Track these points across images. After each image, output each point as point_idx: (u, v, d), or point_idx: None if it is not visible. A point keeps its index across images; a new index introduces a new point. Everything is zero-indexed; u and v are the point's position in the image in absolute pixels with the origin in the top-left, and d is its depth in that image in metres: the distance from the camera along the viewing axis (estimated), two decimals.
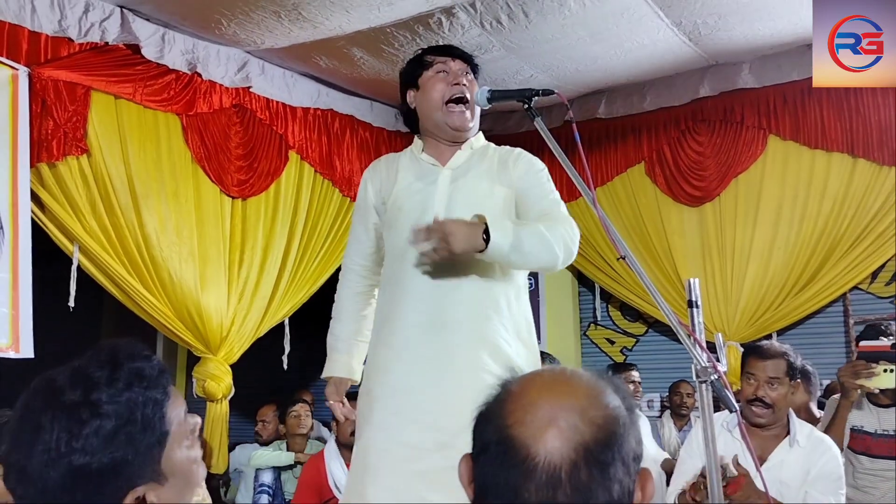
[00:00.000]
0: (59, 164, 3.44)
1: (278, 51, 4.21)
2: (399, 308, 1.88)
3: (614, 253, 1.75)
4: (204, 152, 4.04)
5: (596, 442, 0.83)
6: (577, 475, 0.81)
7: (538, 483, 0.81)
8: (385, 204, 1.99)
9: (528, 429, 0.83)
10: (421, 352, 1.83)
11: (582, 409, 0.84)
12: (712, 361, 1.49)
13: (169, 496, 1.02)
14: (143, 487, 1.00)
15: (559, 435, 0.82)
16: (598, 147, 5.16)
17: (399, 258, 1.92)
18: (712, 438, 1.52)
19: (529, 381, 0.89)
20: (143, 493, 0.99)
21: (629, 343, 5.45)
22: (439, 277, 1.85)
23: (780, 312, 4.69)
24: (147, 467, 1.01)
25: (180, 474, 1.04)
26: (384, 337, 1.92)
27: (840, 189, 4.55)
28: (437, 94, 1.98)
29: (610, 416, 0.85)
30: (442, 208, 1.88)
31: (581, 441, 0.82)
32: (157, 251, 3.78)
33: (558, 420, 0.83)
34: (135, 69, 3.75)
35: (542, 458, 0.82)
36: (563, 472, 0.81)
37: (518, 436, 0.83)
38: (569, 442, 0.82)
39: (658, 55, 4.45)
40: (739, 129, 4.85)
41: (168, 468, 1.03)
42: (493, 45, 4.16)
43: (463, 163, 2.00)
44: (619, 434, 0.85)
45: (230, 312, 4.10)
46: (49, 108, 3.41)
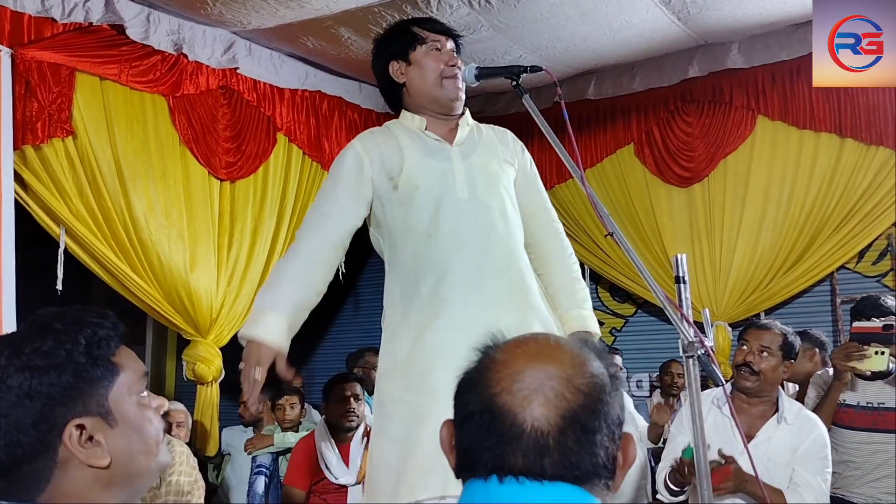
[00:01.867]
0: (44, 146, 3.41)
1: (265, 31, 4.17)
2: (446, 289, 1.82)
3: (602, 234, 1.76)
4: (191, 134, 4.01)
5: (582, 409, 0.84)
6: (564, 441, 0.82)
7: (525, 449, 0.82)
8: (392, 180, 1.90)
9: (514, 397, 0.84)
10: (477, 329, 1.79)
11: (568, 377, 0.85)
12: (699, 336, 1.50)
13: (118, 443, 1.02)
14: (89, 419, 1.01)
15: (546, 402, 0.83)
16: (588, 128, 5.15)
17: (424, 237, 1.86)
18: (699, 413, 1.53)
19: (514, 349, 0.90)
20: (86, 425, 1.00)
21: (618, 324, 5.48)
22: (479, 258, 1.84)
23: (769, 292, 4.72)
24: (91, 398, 1.02)
25: (132, 424, 1.04)
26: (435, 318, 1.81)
27: (828, 169, 4.57)
28: (433, 71, 1.95)
29: (595, 384, 0.86)
30: (465, 187, 1.87)
31: (568, 408, 0.83)
32: (145, 234, 3.76)
33: (544, 388, 0.84)
34: (120, 50, 3.71)
35: (528, 425, 0.83)
36: (550, 439, 0.82)
37: (504, 403, 0.84)
38: (555, 408, 0.83)
39: (647, 35, 4.44)
40: (728, 110, 4.85)
41: (117, 411, 1.03)
42: (482, 25, 4.13)
43: (466, 139, 1.99)
44: (605, 401, 0.86)
45: (220, 295, 4.09)
46: (33, 89, 3.37)
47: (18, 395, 0.99)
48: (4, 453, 0.98)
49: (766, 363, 2.48)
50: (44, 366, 1.00)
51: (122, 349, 1.08)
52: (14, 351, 1.01)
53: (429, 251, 1.85)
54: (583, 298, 1.93)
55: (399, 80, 1.99)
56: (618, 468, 0.87)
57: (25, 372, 0.99)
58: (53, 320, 1.04)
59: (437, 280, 1.82)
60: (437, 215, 1.84)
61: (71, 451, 0.99)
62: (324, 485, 3.46)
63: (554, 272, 1.96)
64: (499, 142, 2.04)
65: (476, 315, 1.76)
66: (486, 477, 0.84)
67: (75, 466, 0.99)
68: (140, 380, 1.08)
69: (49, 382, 0.99)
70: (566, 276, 1.96)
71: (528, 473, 0.82)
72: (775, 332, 2.54)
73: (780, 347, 2.51)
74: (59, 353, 1.01)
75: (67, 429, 0.99)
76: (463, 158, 1.93)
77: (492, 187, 1.88)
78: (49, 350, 1.01)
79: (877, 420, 2.83)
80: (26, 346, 1.01)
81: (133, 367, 1.08)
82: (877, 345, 2.69)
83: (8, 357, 1.01)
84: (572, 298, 1.92)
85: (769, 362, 2.48)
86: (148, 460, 1.06)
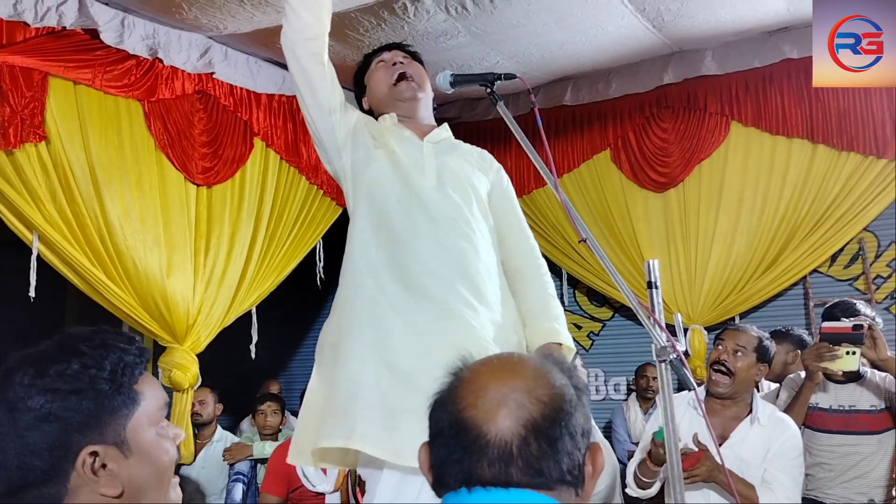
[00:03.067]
0: (16, 151, 3.36)
1: (241, 36, 4.15)
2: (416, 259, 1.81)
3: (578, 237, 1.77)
4: (167, 139, 3.97)
5: (543, 418, 0.87)
6: (527, 450, 0.85)
7: (490, 459, 0.85)
8: (375, 140, 1.93)
9: (479, 411, 0.88)
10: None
11: (529, 389, 0.89)
12: (671, 341, 1.52)
13: (132, 472, 1.01)
14: (104, 448, 0.99)
15: (508, 414, 0.87)
16: (565, 134, 5.19)
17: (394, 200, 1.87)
18: (671, 417, 1.55)
19: (479, 367, 0.94)
20: (101, 453, 0.99)
21: (596, 328, 5.51)
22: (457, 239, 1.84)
23: (743, 295, 4.78)
24: (109, 427, 1.00)
25: (147, 455, 1.03)
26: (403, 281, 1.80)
27: (800, 174, 4.64)
28: (381, 81, 2.04)
29: (556, 394, 0.89)
30: (434, 178, 1.89)
31: (529, 418, 0.87)
32: (120, 240, 3.72)
33: (507, 400, 0.87)
34: (94, 55, 3.67)
35: (493, 436, 0.86)
36: (513, 448, 0.85)
37: (470, 418, 0.88)
38: (518, 420, 0.86)
39: (622, 42, 4.48)
40: (703, 116, 4.91)
41: (134, 442, 1.02)
42: (459, 31, 4.15)
43: (442, 140, 2.02)
44: (566, 410, 0.89)
45: (196, 301, 4.05)
46: (5, 94, 3.32)
47: (37, 418, 0.97)
48: (16, 475, 0.97)
49: (740, 362, 2.51)
50: (66, 390, 0.98)
51: (145, 376, 1.07)
52: (38, 371, 0.99)
53: (393, 219, 1.84)
54: (557, 315, 1.93)
55: (367, 106, 2.10)
56: (587, 477, 0.89)
57: (47, 394, 0.98)
58: (81, 342, 1.02)
59: (396, 247, 1.82)
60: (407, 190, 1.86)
61: (83, 477, 0.97)
62: (301, 492, 3.45)
63: (529, 288, 1.96)
64: (477, 154, 2.08)
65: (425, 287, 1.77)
66: (457, 489, 0.87)
67: (86, 493, 0.98)
68: (161, 409, 1.07)
69: (69, 407, 0.98)
70: (541, 292, 1.96)
71: (496, 483, 0.85)
72: (751, 334, 2.59)
73: (755, 349, 2.55)
74: (83, 379, 0.99)
75: (81, 455, 0.98)
76: (435, 154, 1.95)
77: (462, 186, 1.90)
78: (73, 374, 0.99)
79: (849, 423, 2.87)
80: (51, 368, 0.99)
81: (155, 395, 1.07)
82: (847, 345, 2.72)
83: (32, 377, 0.99)
84: (547, 313, 1.91)
85: (743, 362, 2.52)
86: (158, 495, 1.05)
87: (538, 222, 5.30)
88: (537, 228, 5.33)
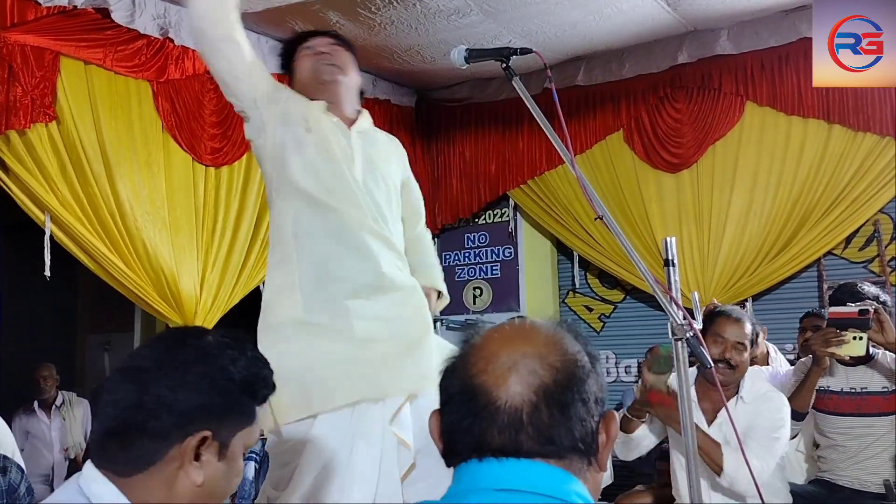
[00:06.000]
0: (28, 131, 3.37)
1: (252, 15, 4.12)
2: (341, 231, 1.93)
3: (592, 220, 1.76)
4: (175, 120, 3.97)
5: (555, 383, 0.86)
6: (537, 416, 0.84)
7: (500, 426, 0.84)
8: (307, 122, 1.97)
9: (489, 376, 0.86)
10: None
11: (541, 355, 0.87)
12: (688, 319, 1.51)
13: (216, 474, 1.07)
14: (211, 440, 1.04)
15: (519, 380, 0.85)
16: (577, 114, 5.14)
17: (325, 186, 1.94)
18: (688, 396, 1.54)
19: (491, 333, 0.93)
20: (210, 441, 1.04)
21: (607, 310, 5.50)
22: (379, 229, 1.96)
23: (756, 278, 4.74)
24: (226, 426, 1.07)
25: (231, 469, 1.09)
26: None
27: (816, 155, 4.59)
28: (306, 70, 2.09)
29: (569, 360, 0.88)
30: (360, 169, 1.98)
31: (540, 384, 0.85)
32: (131, 221, 3.73)
33: (518, 366, 0.86)
34: (104, 34, 3.66)
35: (503, 402, 0.85)
36: (524, 414, 0.84)
37: (481, 384, 0.86)
38: (529, 385, 0.85)
39: (637, 21, 4.43)
40: (717, 96, 4.86)
41: (231, 451, 1.08)
42: (471, 9, 4.11)
43: (366, 130, 2.09)
44: (579, 376, 0.87)
45: (204, 282, 4.07)
46: (16, 73, 3.32)
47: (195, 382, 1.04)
48: (141, 417, 1.01)
49: (741, 357, 2.54)
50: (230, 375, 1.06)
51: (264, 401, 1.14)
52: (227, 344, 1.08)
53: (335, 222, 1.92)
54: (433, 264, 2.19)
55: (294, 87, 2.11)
56: (600, 446, 0.88)
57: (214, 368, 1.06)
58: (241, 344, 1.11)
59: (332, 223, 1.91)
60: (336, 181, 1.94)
61: (185, 454, 1.03)
62: None
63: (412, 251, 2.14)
64: (392, 146, 2.18)
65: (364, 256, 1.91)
66: (468, 458, 0.86)
67: (174, 468, 1.03)
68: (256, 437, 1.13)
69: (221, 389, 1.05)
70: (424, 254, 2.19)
71: (505, 450, 0.84)
72: (747, 326, 2.58)
73: (751, 340, 2.58)
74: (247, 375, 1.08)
75: (198, 434, 1.03)
76: (361, 146, 2.02)
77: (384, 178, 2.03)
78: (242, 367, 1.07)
79: (860, 405, 2.86)
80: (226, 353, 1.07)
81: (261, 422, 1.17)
82: (854, 330, 2.70)
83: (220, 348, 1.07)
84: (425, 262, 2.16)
85: (743, 355, 2.55)
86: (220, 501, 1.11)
87: (550, 204, 5.27)
88: (549, 210, 5.30)
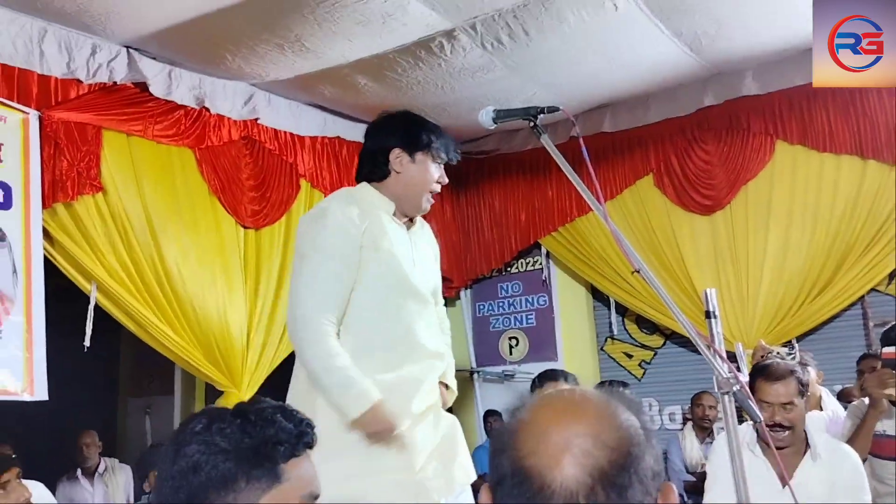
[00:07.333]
0: (74, 203, 3.49)
1: (283, 82, 4.25)
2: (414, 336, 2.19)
3: (627, 266, 1.76)
4: (217, 184, 4.09)
5: (611, 465, 0.82)
6: (595, 500, 0.80)
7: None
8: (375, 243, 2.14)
9: (541, 458, 0.82)
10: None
11: (594, 434, 0.83)
12: (734, 372, 1.48)
13: None
14: None
15: (573, 462, 0.81)
16: (606, 160, 5.16)
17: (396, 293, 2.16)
18: (738, 450, 1.50)
19: (540, 408, 0.89)
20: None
21: (647, 356, 5.41)
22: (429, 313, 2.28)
23: (799, 318, 4.65)
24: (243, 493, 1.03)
25: None
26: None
27: (851, 191, 4.53)
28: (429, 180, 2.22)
29: (623, 437, 0.84)
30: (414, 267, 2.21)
31: (596, 465, 0.81)
32: (178, 284, 3.80)
33: (571, 446, 0.82)
34: (144, 107, 3.80)
35: (558, 486, 0.81)
36: (580, 498, 0.80)
37: (533, 466, 0.83)
38: (584, 468, 0.81)
39: (659, 66, 4.46)
40: (746, 136, 4.84)
41: None
42: (496, 65, 4.18)
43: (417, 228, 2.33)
44: (635, 454, 0.83)
45: (251, 342, 4.11)
46: (62, 149, 3.46)
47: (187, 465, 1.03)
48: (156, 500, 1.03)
49: (792, 414, 2.41)
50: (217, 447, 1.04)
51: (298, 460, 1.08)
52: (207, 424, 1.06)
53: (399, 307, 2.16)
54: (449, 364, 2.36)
55: (395, 167, 2.21)
56: None
57: (201, 446, 1.04)
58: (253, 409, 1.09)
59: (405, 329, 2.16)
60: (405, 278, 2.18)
61: None
62: None
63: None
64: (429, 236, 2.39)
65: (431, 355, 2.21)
66: None
67: None
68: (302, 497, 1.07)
69: (214, 464, 1.03)
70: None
71: None
72: (789, 380, 2.43)
73: (798, 392, 2.44)
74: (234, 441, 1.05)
75: None
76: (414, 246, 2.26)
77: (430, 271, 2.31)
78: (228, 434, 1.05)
79: None
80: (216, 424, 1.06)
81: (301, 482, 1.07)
82: None
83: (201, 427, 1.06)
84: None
85: (796, 412, 2.41)
86: None
87: (582, 250, 5.26)
88: (582, 257, 5.29)
